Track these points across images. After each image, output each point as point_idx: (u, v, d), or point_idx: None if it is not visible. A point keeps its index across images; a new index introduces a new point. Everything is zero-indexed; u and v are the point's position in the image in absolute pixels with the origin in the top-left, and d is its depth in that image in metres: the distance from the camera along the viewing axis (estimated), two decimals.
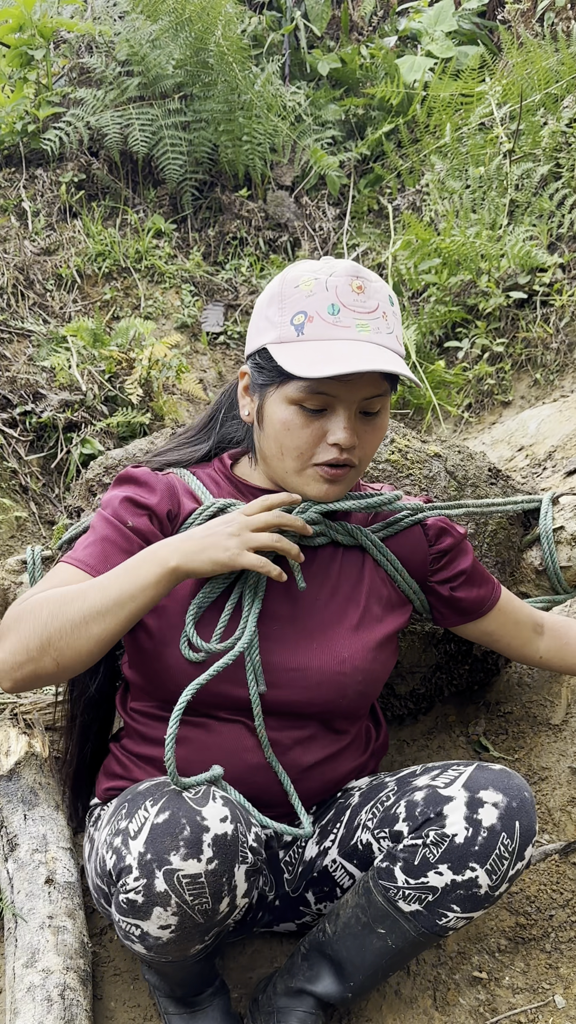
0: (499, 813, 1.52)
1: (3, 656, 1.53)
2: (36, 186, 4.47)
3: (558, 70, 4.30)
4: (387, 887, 1.59)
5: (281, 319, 1.62)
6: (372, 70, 5.05)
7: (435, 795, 1.57)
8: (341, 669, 1.68)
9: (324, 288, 1.59)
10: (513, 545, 2.19)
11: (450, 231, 4.00)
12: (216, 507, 1.71)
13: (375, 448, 1.70)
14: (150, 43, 4.50)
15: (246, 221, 4.69)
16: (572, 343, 3.80)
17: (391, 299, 1.64)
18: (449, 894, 1.54)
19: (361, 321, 1.59)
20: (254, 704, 1.65)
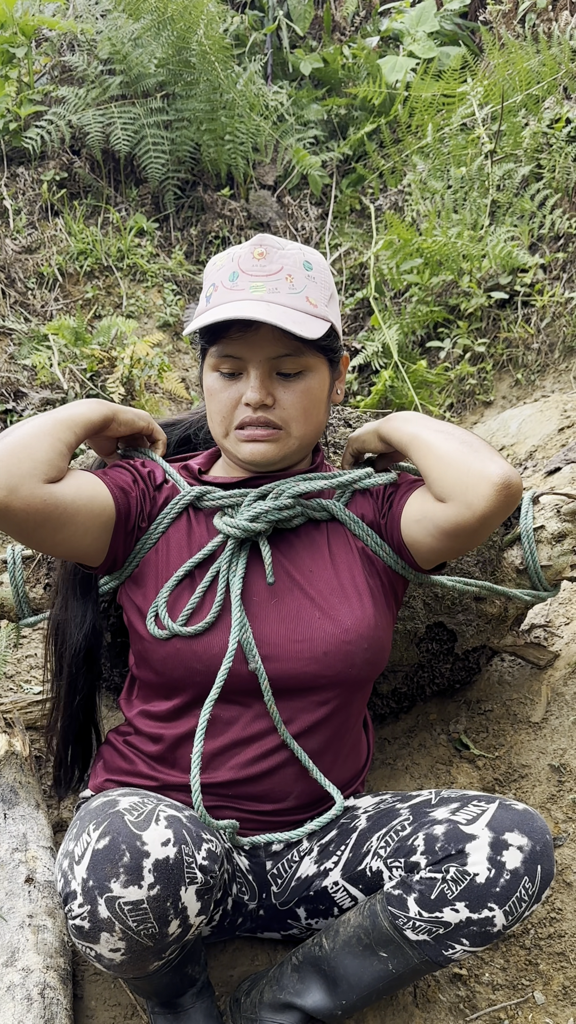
0: (523, 857, 1.50)
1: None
2: (17, 184, 4.45)
3: (539, 71, 4.31)
4: (396, 915, 1.57)
5: (203, 296, 1.72)
6: (354, 70, 5.05)
7: (457, 831, 1.54)
8: (346, 638, 1.68)
9: (230, 259, 1.67)
10: (494, 544, 2.19)
11: (432, 231, 4.01)
12: (193, 495, 1.78)
13: (305, 412, 1.70)
14: (132, 42, 4.50)
15: (228, 220, 4.69)
16: (553, 344, 3.82)
17: (307, 264, 1.68)
18: (462, 930, 1.52)
19: (256, 283, 1.63)
20: (261, 680, 1.66)
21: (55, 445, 1.56)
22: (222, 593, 1.69)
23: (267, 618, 1.69)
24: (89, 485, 1.63)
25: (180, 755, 1.71)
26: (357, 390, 4.05)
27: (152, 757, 1.74)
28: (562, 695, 2.36)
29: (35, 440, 1.54)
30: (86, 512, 1.60)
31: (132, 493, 1.71)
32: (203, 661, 1.66)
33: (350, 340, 4.23)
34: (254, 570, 1.73)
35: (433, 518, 1.64)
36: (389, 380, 3.86)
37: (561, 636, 2.53)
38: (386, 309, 4.16)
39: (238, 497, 1.75)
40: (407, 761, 2.35)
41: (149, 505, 1.76)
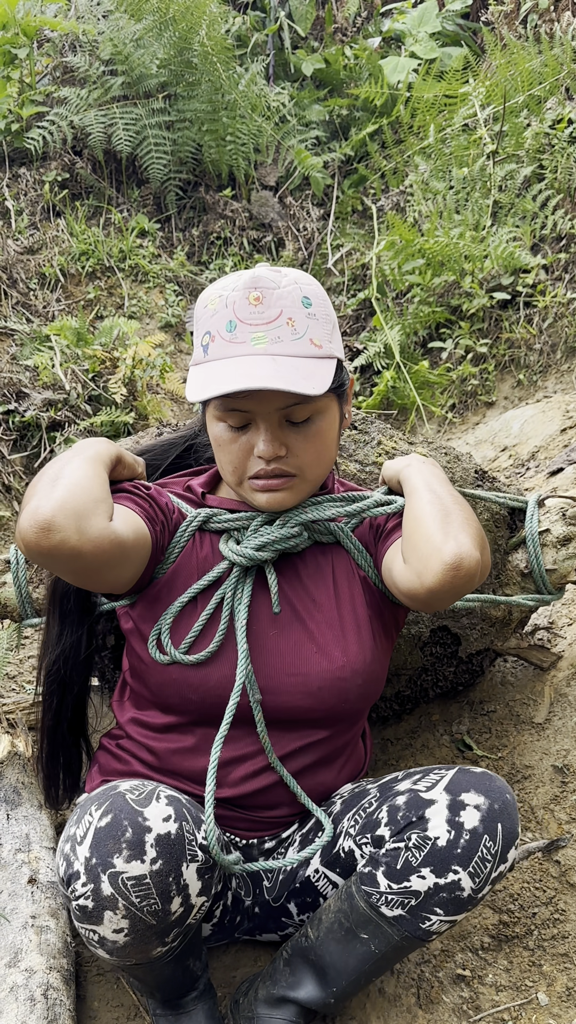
0: (481, 815, 1.50)
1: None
2: (19, 185, 4.45)
3: (541, 72, 4.31)
4: (369, 892, 1.57)
5: (196, 341, 1.64)
6: (356, 71, 5.06)
7: (417, 799, 1.55)
8: (341, 675, 1.67)
9: (224, 305, 1.58)
10: (499, 548, 2.19)
11: (434, 232, 4.01)
12: (201, 518, 1.75)
13: (318, 455, 1.66)
14: (134, 42, 4.50)
15: (230, 221, 4.69)
16: (555, 344, 3.82)
17: (306, 300, 1.60)
18: (432, 897, 1.52)
19: (257, 333, 1.56)
20: (255, 711, 1.65)
21: (104, 483, 1.52)
22: (225, 622, 1.67)
23: (266, 649, 1.68)
24: (132, 518, 1.59)
25: (173, 766, 1.71)
26: (359, 391, 4.05)
27: (147, 764, 1.74)
28: (565, 696, 2.36)
29: (88, 480, 1.48)
30: (137, 547, 1.57)
31: (158, 523, 1.68)
32: (199, 691, 1.66)
33: (352, 340, 4.22)
34: (258, 598, 1.71)
35: (393, 574, 1.64)
36: (391, 381, 3.86)
37: (564, 637, 2.53)
38: (388, 310, 4.16)
39: (245, 520, 1.74)
40: (410, 762, 2.35)
41: (170, 534, 1.74)
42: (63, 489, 1.43)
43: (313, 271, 4.60)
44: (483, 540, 1.57)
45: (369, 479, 2.11)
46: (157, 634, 1.68)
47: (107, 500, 1.49)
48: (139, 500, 1.67)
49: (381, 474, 1.86)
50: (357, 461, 2.13)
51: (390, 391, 3.88)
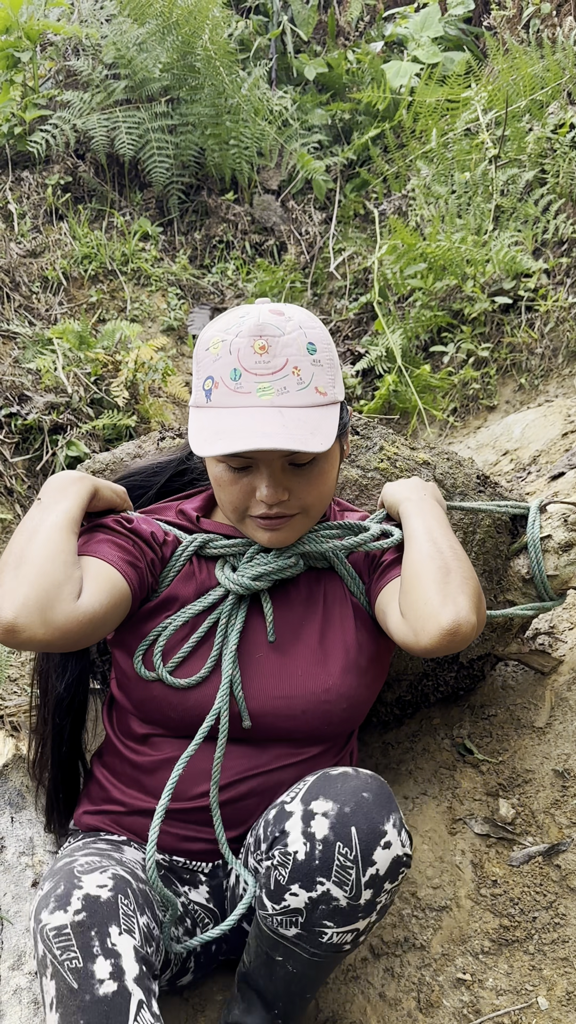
0: (330, 823, 1.44)
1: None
2: (22, 188, 4.46)
3: (543, 76, 4.32)
4: (264, 916, 1.53)
5: (197, 382, 1.62)
6: (358, 75, 5.06)
7: (281, 811, 1.51)
8: (327, 697, 1.68)
9: (228, 351, 1.56)
10: (501, 553, 2.19)
11: (436, 236, 4.01)
12: (196, 544, 1.75)
13: (319, 494, 1.66)
14: (137, 46, 4.51)
15: (232, 225, 4.70)
16: (557, 348, 3.82)
17: (311, 347, 1.59)
18: (314, 912, 1.46)
19: (263, 384, 1.55)
20: (221, 734, 1.64)
21: (69, 557, 1.49)
22: (218, 648, 1.68)
23: (251, 671, 1.69)
24: (106, 579, 1.56)
25: (148, 780, 1.72)
26: (361, 394, 4.05)
27: (124, 779, 1.75)
28: (566, 700, 2.36)
29: (52, 559, 1.46)
30: (115, 607, 1.56)
31: (140, 564, 1.66)
32: (178, 710, 1.67)
33: (353, 344, 4.23)
34: (251, 623, 1.72)
35: (388, 622, 1.65)
36: (392, 385, 3.86)
37: (565, 641, 2.53)
38: (390, 314, 4.16)
39: (241, 547, 1.74)
40: (410, 765, 2.35)
41: (159, 566, 1.73)
42: (25, 580, 1.42)
43: (315, 275, 4.61)
44: (480, 598, 1.57)
45: (371, 484, 2.11)
46: (144, 650, 1.68)
47: (72, 578, 1.47)
48: (119, 540, 1.65)
49: (380, 496, 1.86)
50: (359, 467, 2.13)
51: (391, 395, 3.89)
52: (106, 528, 1.67)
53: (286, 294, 4.45)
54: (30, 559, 1.46)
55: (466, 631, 1.49)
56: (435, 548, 1.60)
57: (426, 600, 1.52)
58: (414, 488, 1.78)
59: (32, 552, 1.47)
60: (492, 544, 2.17)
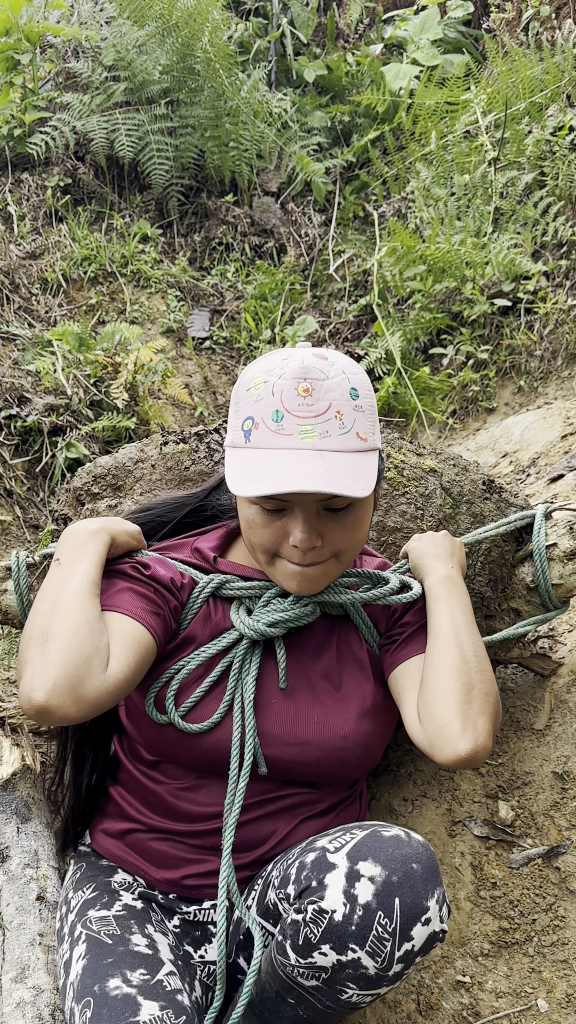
0: (375, 889, 1.38)
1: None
2: (22, 190, 4.46)
3: (543, 79, 4.32)
4: (283, 963, 1.48)
5: (235, 422, 1.60)
6: (358, 77, 5.07)
7: (323, 860, 1.45)
8: (343, 745, 1.67)
9: (271, 392, 1.55)
10: (506, 562, 2.16)
11: (435, 238, 4.02)
12: (213, 585, 1.73)
13: (354, 540, 1.64)
14: (137, 48, 4.51)
15: (232, 227, 4.70)
16: (556, 350, 3.83)
17: (354, 392, 1.57)
18: (339, 973, 1.41)
19: (305, 427, 1.53)
20: (241, 779, 1.64)
21: (95, 625, 1.48)
22: (230, 693, 1.67)
23: (266, 716, 1.67)
24: (132, 637, 1.55)
25: (162, 802, 1.72)
26: None
27: (138, 798, 1.75)
28: (565, 702, 2.36)
29: (77, 637, 1.44)
30: (142, 666, 1.56)
31: (163, 612, 1.65)
32: (191, 753, 1.67)
33: (353, 347, 4.23)
34: (265, 668, 1.71)
35: (404, 710, 1.64)
36: (392, 387, 3.87)
37: (564, 643, 2.53)
38: (389, 316, 4.17)
39: (259, 590, 1.73)
40: (410, 767, 2.35)
41: (180, 611, 1.72)
42: (53, 659, 1.40)
43: (314, 277, 4.61)
44: (498, 710, 1.58)
45: (379, 495, 2.07)
46: (157, 692, 1.67)
47: (100, 648, 1.46)
48: (140, 588, 1.63)
49: (404, 548, 1.83)
50: None
51: (391, 397, 3.89)
52: (126, 576, 1.64)
53: (285, 296, 4.45)
54: (56, 634, 1.44)
55: (482, 756, 1.50)
56: (461, 656, 1.58)
57: (447, 722, 1.52)
58: (442, 556, 1.75)
59: (57, 626, 1.45)
60: (498, 553, 2.15)
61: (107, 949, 1.55)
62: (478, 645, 1.61)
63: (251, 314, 4.35)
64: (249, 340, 4.32)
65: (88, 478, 2.19)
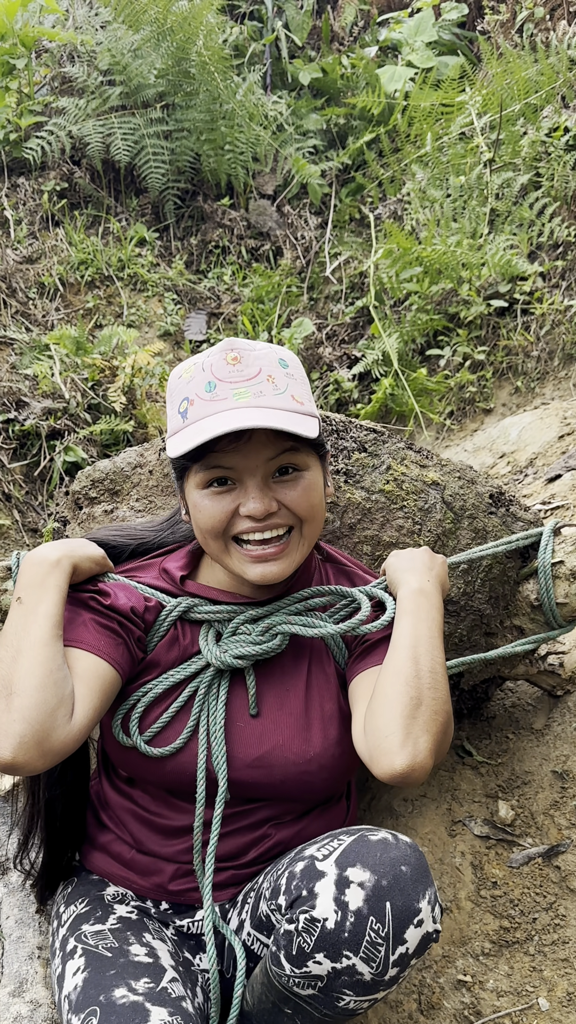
0: (365, 895, 1.38)
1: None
2: (18, 195, 4.47)
3: (537, 80, 4.33)
4: (279, 973, 1.47)
5: (172, 412, 1.60)
6: (353, 80, 5.08)
7: (312, 868, 1.44)
8: (307, 768, 1.64)
9: (200, 369, 1.56)
10: (509, 579, 2.10)
11: (431, 240, 4.02)
12: (180, 609, 1.69)
13: (311, 507, 1.60)
14: (132, 53, 4.52)
15: (228, 230, 4.71)
16: (553, 351, 3.83)
17: (283, 361, 1.59)
18: (335, 980, 1.40)
19: (239, 389, 1.53)
20: (217, 805, 1.63)
21: (58, 673, 1.45)
22: (195, 719, 1.64)
23: (230, 739, 1.65)
24: (95, 676, 1.53)
25: (139, 817, 1.72)
26: (358, 398, 4.06)
27: (120, 812, 1.75)
28: (564, 702, 2.37)
29: (42, 691, 1.41)
30: (106, 703, 1.55)
31: (126, 643, 1.62)
32: (156, 775, 1.66)
33: (350, 348, 4.24)
34: (233, 693, 1.68)
35: (354, 719, 1.60)
36: (389, 388, 3.87)
37: (562, 642, 2.54)
38: (386, 317, 4.17)
39: (228, 614, 1.69)
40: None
41: (145, 638, 1.69)
42: (18, 715, 1.39)
43: (311, 279, 4.62)
44: (447, 732, 1.51)
45: (375, 508, 2.04)
46: (123, 715, 1.65)
47: (64, 698, 1.43)
48: (101, 620, 1.60)
49: (384, 564, 1.77)
50: (363, 488, 2.05)
51: (388, 398, 3.90)
52: (87, 607, 1.61)
53: (282, 298, 4.45)
54: (20, 687, 1.41)
55: (418, 776, 1.43)
56: (414, 670, 1.51)
57: (387, 733, 1.46)
58: (419, 570, 1.69)
59: (21, 678, 1.42)
60: (499, 571, 2.10)
61: (107, 962, 1.54)
62: (436, 661, 1.54)
63: (248, 317, 4.36)
64: None
65: (86, 482, 2.17)
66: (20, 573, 1.58)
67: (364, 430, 2.13)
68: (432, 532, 2.05)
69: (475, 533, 2.09)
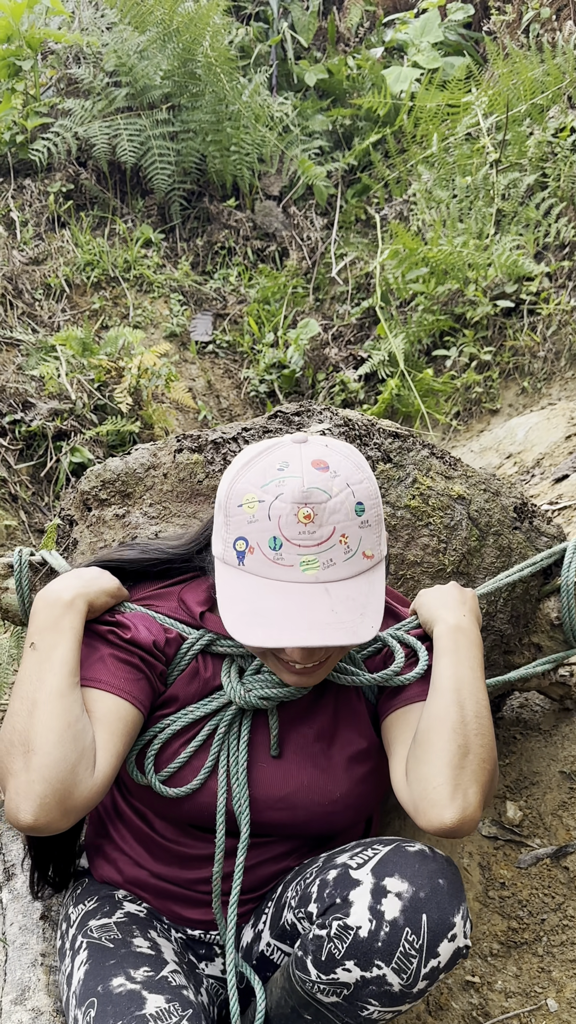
0: (402, 905, 1.36)
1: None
2: (24, 196, 4.47)
3: (543, 80, 4.33)
4: (303, 979, 1.44)
5: (226, 535, 1.47)
6: (359, 81, 5.08)
7: (346, 876, 1.41)
8: (332, 809, 1.60)
9: (267, 516, 1.41)
10: (530, 597, 2.03)
11: (437, 240, 4.02)
12: (202, 643, 1.63)
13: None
14: (138, 54, 4.52)
15: (234, 231, 4.71)
16: (559, 351, 3.83)
17: (359, 508, 1.44)
18: (362, 989, 1.38)
19: (307, 557, 1.41)
20: (239, 853, 1.59)
21: (77, 725, 1.39)
22: (213, 758, 1.58)
23: (252, 779, 1.60)
24: (117, 718, 1.47)
25: (154, 844, 1.68)
26: (364, 399, 4.05)
27: (135, 839, 1.71)
28: None
29: (61, 747, 1.36)
30: (129, 744, 1.49)
31: (147, 678, 1.56)
32: (172, 812, 1.62)
33: (356, 349, 4.24)
34: (255, 731, 1.62)
35: (392, 763, 1.54)
36: (395, 388, 3.87)
37: None
38: (392, 318, 4.17)
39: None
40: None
41: (166, 671, 1.62)
42: (38, 775, 1.34)
43: (317, 280, 4.62)
44: (494, 778, 1.47)
45: (399, 525, 1.95)
46: (139, 751, 1.59)
47: (86, 751, 1.38)
48: (120, 655, 1.54)
49: (414, 604, 1.69)
50: (388, 503, 1.95)
51: (394, 399, 3.89)
52: (106, 641, 1.56)
53: (288, 299, 4.45)
54: (38, 744, 1.36)
55: (468, 829, 1.40)
56: (460, 716, 1.46)
57: (435, 785, 1.41)
58: (452, 606, 1.62)
59: (38, 733, 1.37)
60: (522, 589, 2.02)
61: (109, 952, 1.52)
62: (481, 704, 1.49)
63: (254, 318, 4.36)
64: (252, 344, 4.33)
65: (96, 482, 2.07)
66: (33, 614, 1.51)
67: (387, 435, 2.03)
68: (457, 551, 1.97)
69: (500, 551, 2.01)
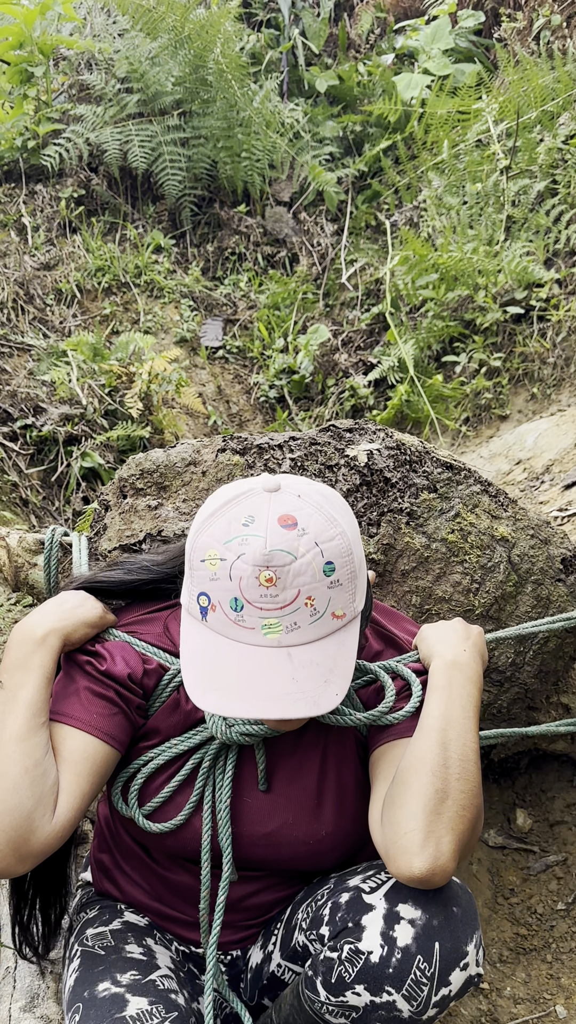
0: (415, 932, 1.33)
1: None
2: (36, 201, 4.49)
3: (554, 87, 4.33)
4: (312, 998, 1.43)
5: (191, 587, 1.39)
6: (369, 87, 5.09)
7: (358, 900, 1.39)
8: (318, 848, 1.56)
9: (228, 576, 1.32)
10: (564, 655, 1.94)
11: (447, 247, 4.03)
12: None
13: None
14: (149, 60, 4.54)
15: (244, 236, 4.72)
16: (569, 358, 3.83)
17: (327, 568, 1.32)
18: (371, 1013, 1.37)
19: (269, 620, 1.31)
20: (220, 892, 1.55)
21: (36, 770, 1.35)
22: (197, 793, 1.54)
23: (236, 814, 1.56)
24: (84, 757, 1.42)
25: (148, 869, 1.67)
26: (373, 404, 4.06)
27: (129, 864, 1.70)
28: None
29: (17, 793, 1.32)
30: (99, 783, 1.45)
31: (122, 712, 1.50)
32: (157, 846, 1.60)
33: (366, 355, 4.24)
34: (240, 765, 1.57)
35: (372, 799, 1.48)
36: (405, 394, 3.87)
37: None
38: (402, 324, 4.18)
39: None
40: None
41: (145, 704, 1.55)
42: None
43: (327, 286, 4.63)
44: (475, 828, 1.38)
45: (433, 558, 1.87)
46: (123, 784, 1.56)
47: (44, 796, 1.34)
48: (96, 688, 1.48)
49: (416, 638, 1.60)
50: (424, 533, 1.87)
51: (404, 405, 3.90)
52: (83, 672, 1.50)
53: (298, 305, 4.46)
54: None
55: (438, 881, 1.32)
56: (442, 757, 1.37)
57: (407, 830, 1.33)
58: (452, 641, 1.53)
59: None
60: (556, 645, 1.94)
61: (99, 959, 1.51)
62: (468, 747, 1.39)
63: (264, 323, 4.37)
64: (262, 349, 4.34)
65: (136, 470, 2.00)
66: (7, 648, 1.46)
67: (439, 465, 1.94)
68: (490, 593, 1.88)
69: (537, 601, 1.91)
